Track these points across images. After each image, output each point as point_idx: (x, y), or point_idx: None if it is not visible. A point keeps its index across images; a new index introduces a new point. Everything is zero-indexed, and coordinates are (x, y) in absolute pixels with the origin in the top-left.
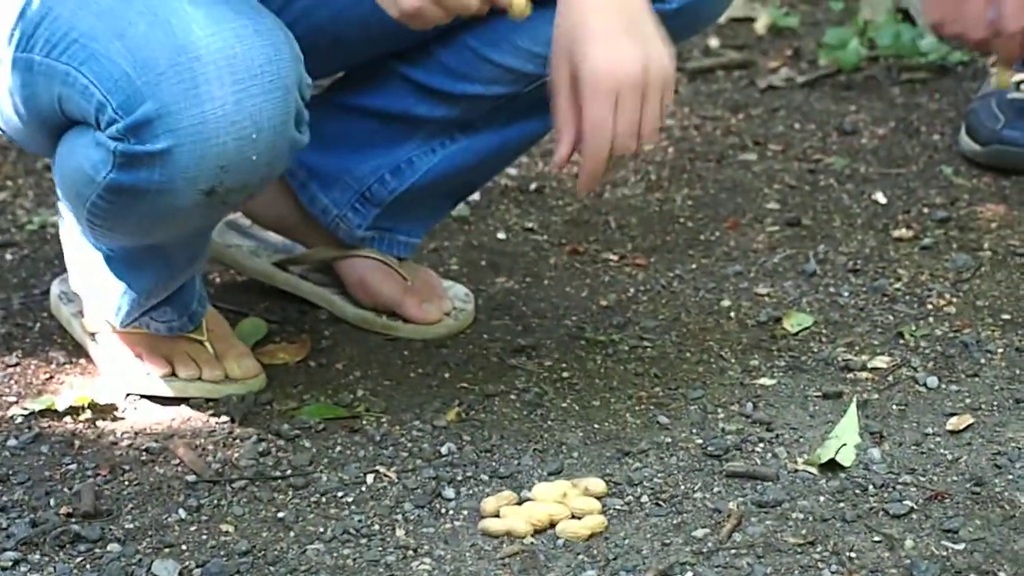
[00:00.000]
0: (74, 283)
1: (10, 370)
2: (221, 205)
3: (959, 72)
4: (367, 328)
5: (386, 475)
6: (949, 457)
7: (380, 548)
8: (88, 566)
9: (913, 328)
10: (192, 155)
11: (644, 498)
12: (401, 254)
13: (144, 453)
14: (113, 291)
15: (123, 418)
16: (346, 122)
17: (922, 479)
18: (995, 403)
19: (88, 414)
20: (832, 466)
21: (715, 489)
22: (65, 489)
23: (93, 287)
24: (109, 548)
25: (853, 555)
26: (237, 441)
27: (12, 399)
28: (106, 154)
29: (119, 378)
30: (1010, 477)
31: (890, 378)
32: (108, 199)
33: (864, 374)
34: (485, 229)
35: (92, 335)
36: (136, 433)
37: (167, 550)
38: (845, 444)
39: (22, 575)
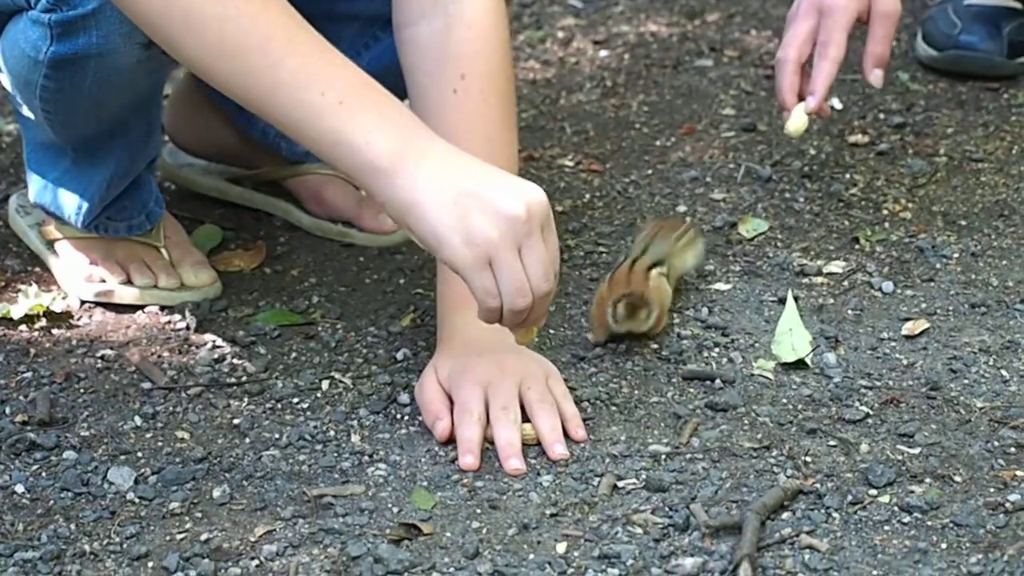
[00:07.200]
0: (34, 194)
1: None
2: (162, 56)
3: None
4: (322, 235)
5: (341, 381)
6: (904, 362)
7: (335, 454)
8: (44, 473)
9: (868, 233)
10: None
11: (599, 402)
12: None
13: (100, 361)
14: (74, 190)
15: (78, 326)
16: None
17: (878, 383)
18: (950, 308)
19: (43, 322)
20: (790, 369)
21: (670, 394)
22: (20, 397)
23: (54, 191)
24: (65, 455)
25: (808, 459)
26: (192, 348)
27: None
28: (43, 29)
29: (75, 286)
30: (965, 381)
31: (845, 283)
32: (54, 77)
33: (819, 279)
34: None
35: (51, 244)
36: (91, 341)
37: (123, 457)
38: (791, 328)
39: None
